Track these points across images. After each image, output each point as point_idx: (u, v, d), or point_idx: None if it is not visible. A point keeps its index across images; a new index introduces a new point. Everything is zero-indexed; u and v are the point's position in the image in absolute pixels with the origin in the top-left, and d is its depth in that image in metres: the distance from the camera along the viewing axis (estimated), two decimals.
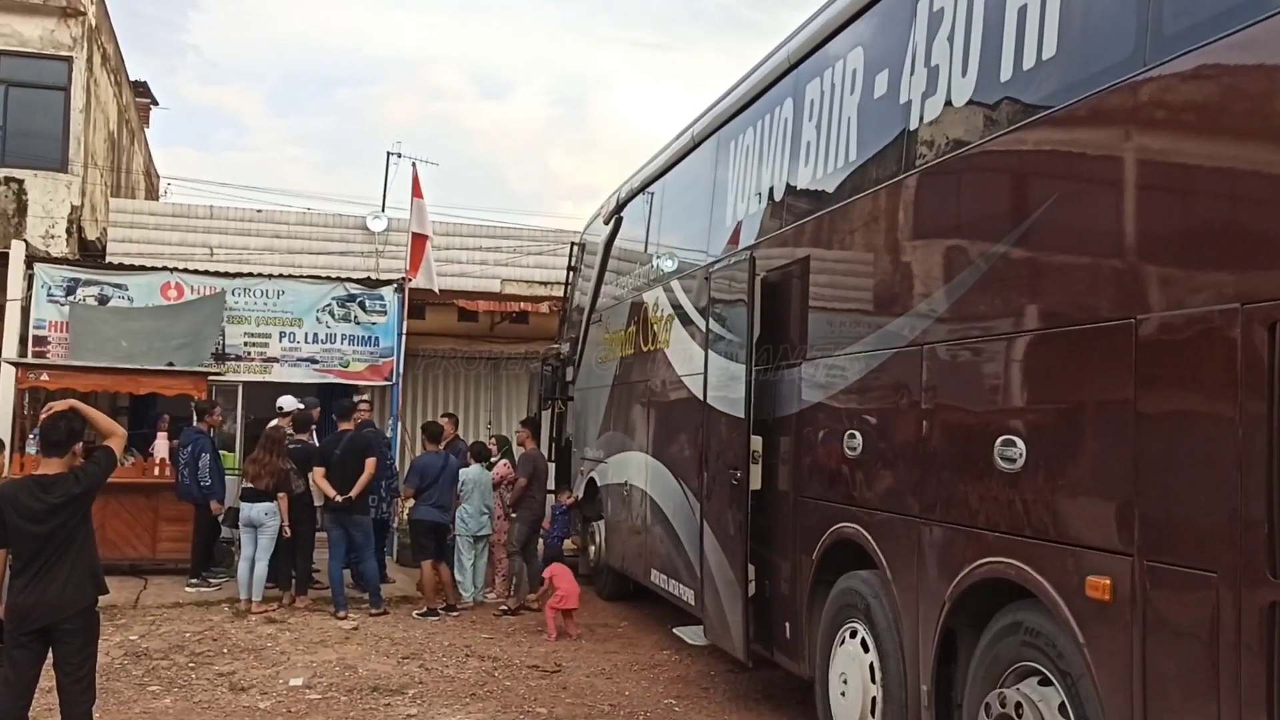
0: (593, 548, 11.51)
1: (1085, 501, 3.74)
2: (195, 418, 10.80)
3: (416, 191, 13.23)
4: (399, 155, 20.58)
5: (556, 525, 11.77)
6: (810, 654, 6.02)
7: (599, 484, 11.19)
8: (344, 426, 10.08)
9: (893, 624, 5.07)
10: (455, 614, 10.04)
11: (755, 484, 6.53)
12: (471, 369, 20.60)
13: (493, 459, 11.18)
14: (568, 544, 12.05)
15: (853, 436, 5.47)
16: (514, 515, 10.62)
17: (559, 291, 19.29)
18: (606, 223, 11.56)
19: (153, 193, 25.97)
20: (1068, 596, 3.75)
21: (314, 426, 10.51)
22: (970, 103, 4.60)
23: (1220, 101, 3.29)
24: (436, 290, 14.05)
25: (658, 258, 9.54)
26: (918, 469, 4.83)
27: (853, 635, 5.50)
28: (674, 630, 7.86)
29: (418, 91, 56.46)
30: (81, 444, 5.29)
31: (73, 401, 5.30)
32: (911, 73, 5.12)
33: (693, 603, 7.99)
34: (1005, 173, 4.37)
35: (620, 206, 11.09)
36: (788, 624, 6.30)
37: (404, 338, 13.45)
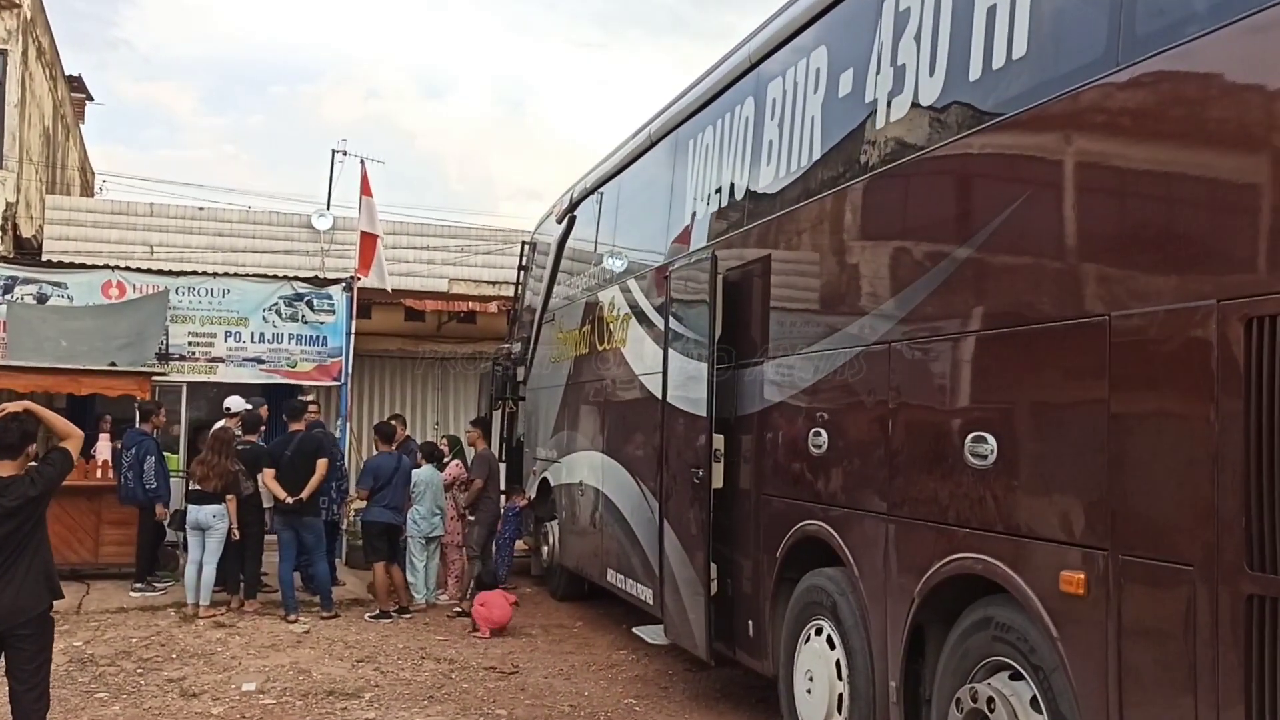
0: (546, 548, 11.45)
1: (1058, 497, 3.78)
2: (139, 419, 10.56)
3: (366, 189, 13.05)
4: (344, 153, 20.38)
5: (508, 526, 11.66)
6: (774, 652, 6.03)
7: (552, 484, 11.13)
8: (294, 427, 9.91)
9: (859, 621, 5.08)
10: (408, 616, 9.93)
11: (717, 482, 6.52)
12: (418, 369, 20.42)
13: (445, 459, 11.08)
14: (519, 544, 11.97)
15: (817, 434, 5.49)
16: (471, 518, 10.52)
17: (508, 291, 19.18)
18: (559, 222, 11.51)
19: (88, 189, 25.39)
20: (1041, 591, 3.78)
21: (263, 428, 10.31)
22: (938, 103, 4.63)
23: (1196, 102, 3.34)
24: (389, 290, 13.87)
25: (613, 257, 9.51)
26: (885, 466, 4.85)
27: (818, 633, 5.51)
28: (633, 630, 7.84)
29: (356, 90, 55.93)
30: (34, 445, 5.11)
31: (27, 404, 5.13)
32: (877, 72, 5.14)
33: (651, 602, 7.97)
34: (975, 172, 4.40)
35: (573, 205, 11.04)
36: (750, 622, 6.29)
37: (353, 338, 13.26)
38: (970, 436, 4.21)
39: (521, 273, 13.96)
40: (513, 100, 57.69)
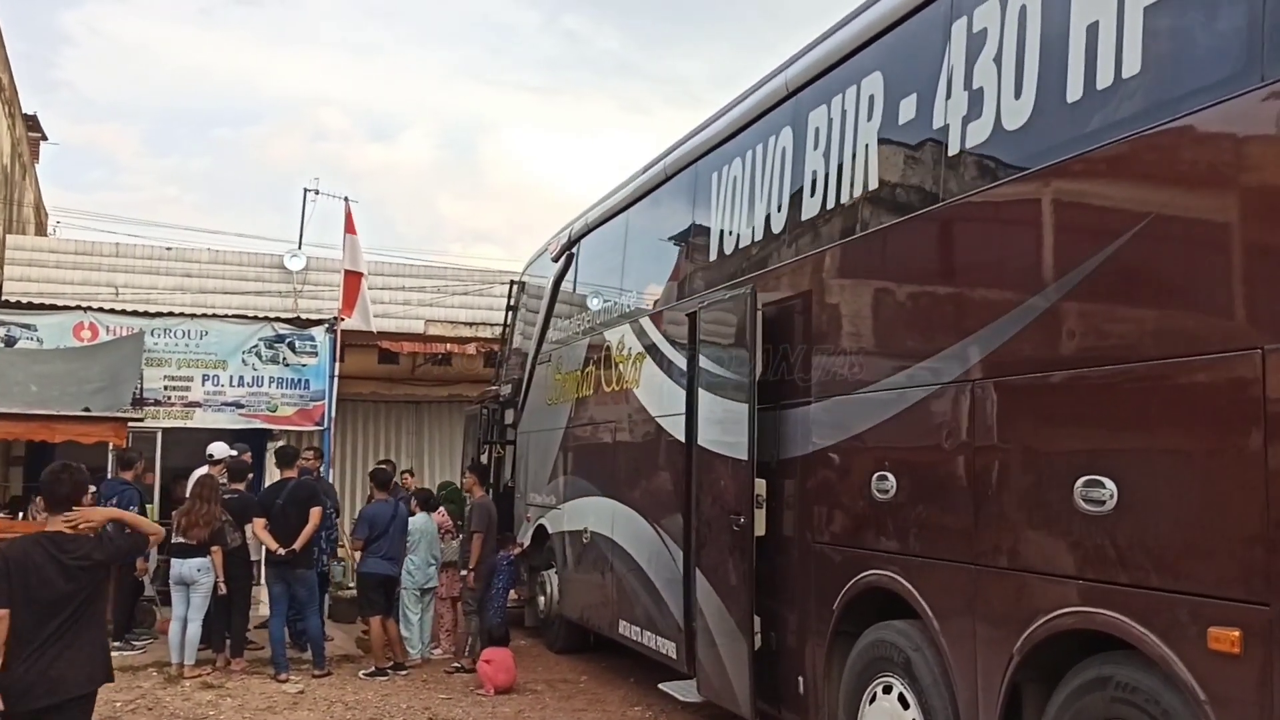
0: (542, 599, 10.99)
1: (1201, 545, 3.49)
2: (119, 467, 10.01)
3: (350, 228, 12.70)
4: (316, 192, 19.85)
5: (501, 576, 11.18)
6: (829, 710, 5.67)
7: (550, 531, 10.71)
8: (285, 474, 9.43)
9: (939, 679, 4.75)
10: (404, 673, 9.43)
11: (759, 530, 6.19)
12: (393, 413, 19.92)
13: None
14: (511, 595, 11.50)
15: (883, 479, 5.17)
16: (465, 573, 10.04)
17: (485, 333, 18.81)
18: (555, 260, 11.19)
19: (41, 230, 24.67)
20: (1182, 650, 3.48)
21: (250, 475, 9.81)
22: (1027, 127, 4.37)
23: None
24: (373, 330, 13.45)
25: (621, 294, 9.19)
26: (971, 512, 4.54)
27: (887, 690, 5.16)
28: (660, 686, 7.42)
29: (302, 132, 55.33)
30: (88, 496, 4.75)
31: (113, 511, 4.99)
32: (948, 97, 4.89)
33: (675, 656, 7.58)
34: (1085, 197, 4.13)
35: (572, 243, 10.73)
36: (800, 678, 5.94)
37: (336, 380, 12.80)
38: (1082, 481, 3.92)
39: (510, 313, 13.59)
40: (460, 143, 57.59)
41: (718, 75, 60.63)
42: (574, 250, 10.79)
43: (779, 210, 6.48)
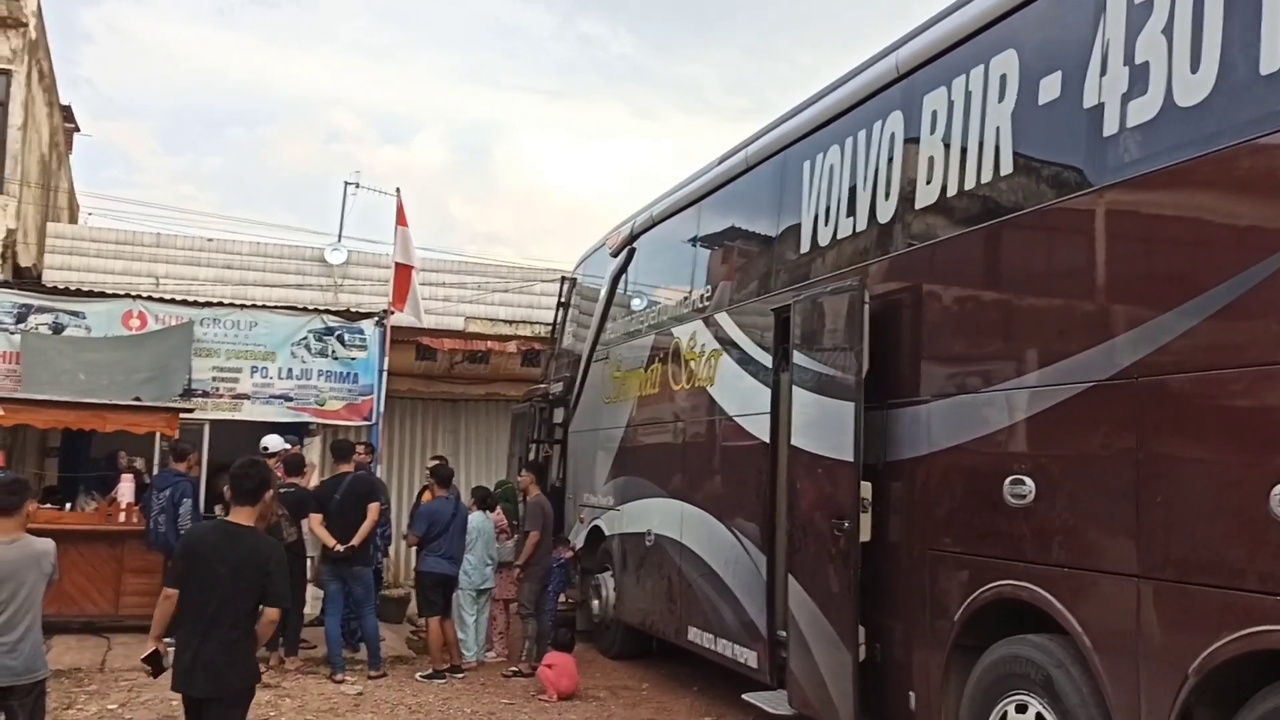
0: (597, 602, 10.66)
1: None
2: (173, 458, 9.73)
3: (401, 220, 12.40)
4: (356, 185, 19.69)
5: (552, 579, 10.88)
6: None
7: (606, 533, 10.39)
8: (342, 468, 9.14)
9: (1088, 699, 4.41)
10: (461, 676, 9.13)
11: (865, 535, 5.85)
12: (429, 411, 19.64)
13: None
14: (561, 598, 11.18)
15: (1019, 483, 4.83)
16: (522, 575, 9.73)
17: (525, 331, 18.54)
18: (615, 255, 10.87)
19: (74, 219, 24.55)
20: None
21: (306, 469, 9.53)
22: (1208, 102, 4.04)
23: None
24: (421, 323, 13.17)
25: (692, 290, 8.87)
26: (1133, 521, 4.20)
27: (1020, 710, 4.82)
28: (745, 697, 7.08)
29: (316, 133, 55.00)
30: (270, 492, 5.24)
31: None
32: (1102, 74, 4.56)
33: (754, 665, 7.25)
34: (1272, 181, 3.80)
35: (633, 237, 10.42)
36: (912, 694, 5.60)
37: (385, 375, 12.51)
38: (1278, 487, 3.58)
39: (560, 310, 13.28)
40: (472, 146, 57.30)
41: (729, 80, 60.35)
42: (635, 245, 10.48)
43: (887, 199, 6.15)
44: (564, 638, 9.07)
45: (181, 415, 10.68)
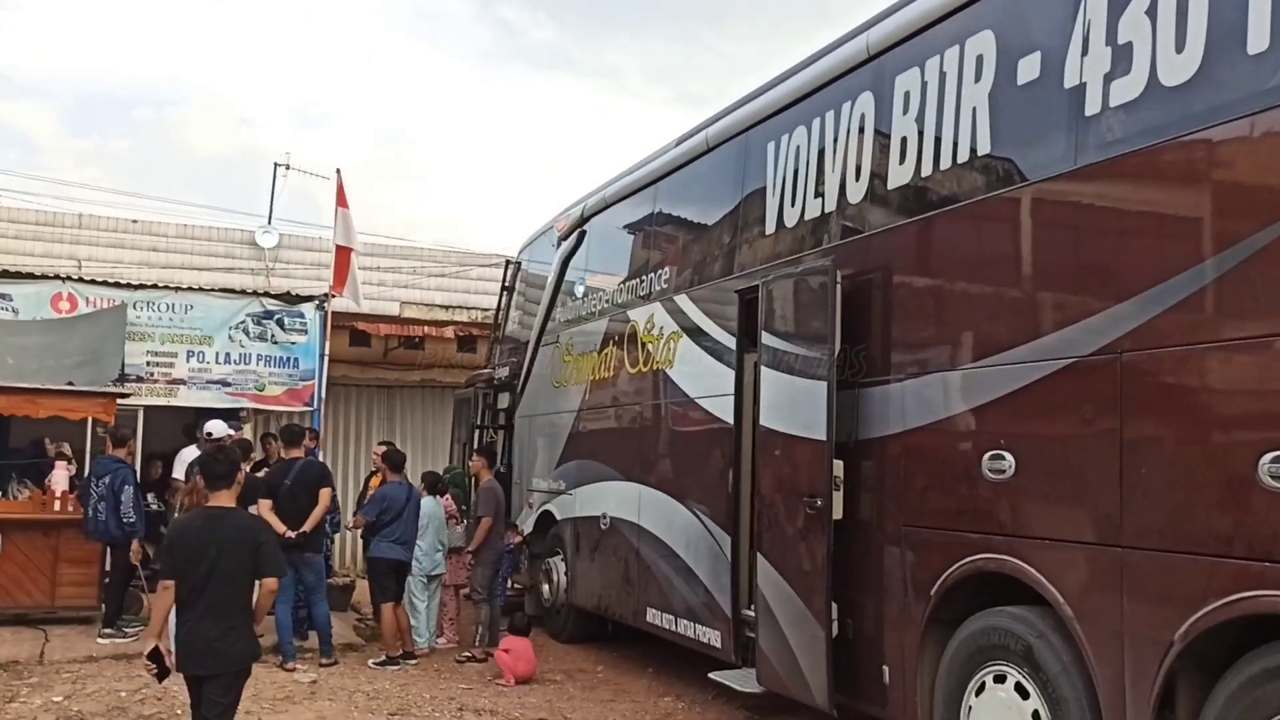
0: (547, 587, 10.60)
1: None
2: (111, 445, 9.43)
3: (342, 201, 12.14)
4: (287, 168, 19.27)
5: (501, 564, 10.82)
6: (923, 701, 5.39)
7: (558, 518, 10.34)
8: (292, 454, 8.94)
9: (1070, 667, 4.50)
10: (414, 662, 9.01)
11: (837, 513, 5.90)
12: (363, 397, 19.35)
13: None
14: (510, 583, 11.10)
15: (998, 458, 4.90)
16: (474, 560, 9.64)
17: (462, 316, 18.35)
18: (565, 238, 10.80)
19: None
20: None
21: (254, 455, 9.31)
22: (1193, 82, 4.12)
23: None
24: (360, 307, 12.95)
25: (649, 272, 8.84)
26: (1116, 492, 4.29)
27: (999, 680, 4.90)
28: (712, 676, 7.10)
29: (227, 116, 53.39)
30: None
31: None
32: (1084, 54, 4.63)
33: (718, 645, 7.28)
34: (1258, 159, 3.89)
35: (585, 220, 10.36)
36: (886, 668, 5.66)
37: (326, 359, 12.27)
38: (1270, 457, 3.68)
39: (504, 294, 13.17)
40: (390, 132, 56.33)
41: (652, 69, 60.23)
42: (586, 228, 10.42)
43: (857, 179, 6.19)
44: (521, 622, 9.01)
45: (120, 400, 10.35)
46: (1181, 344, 4.08)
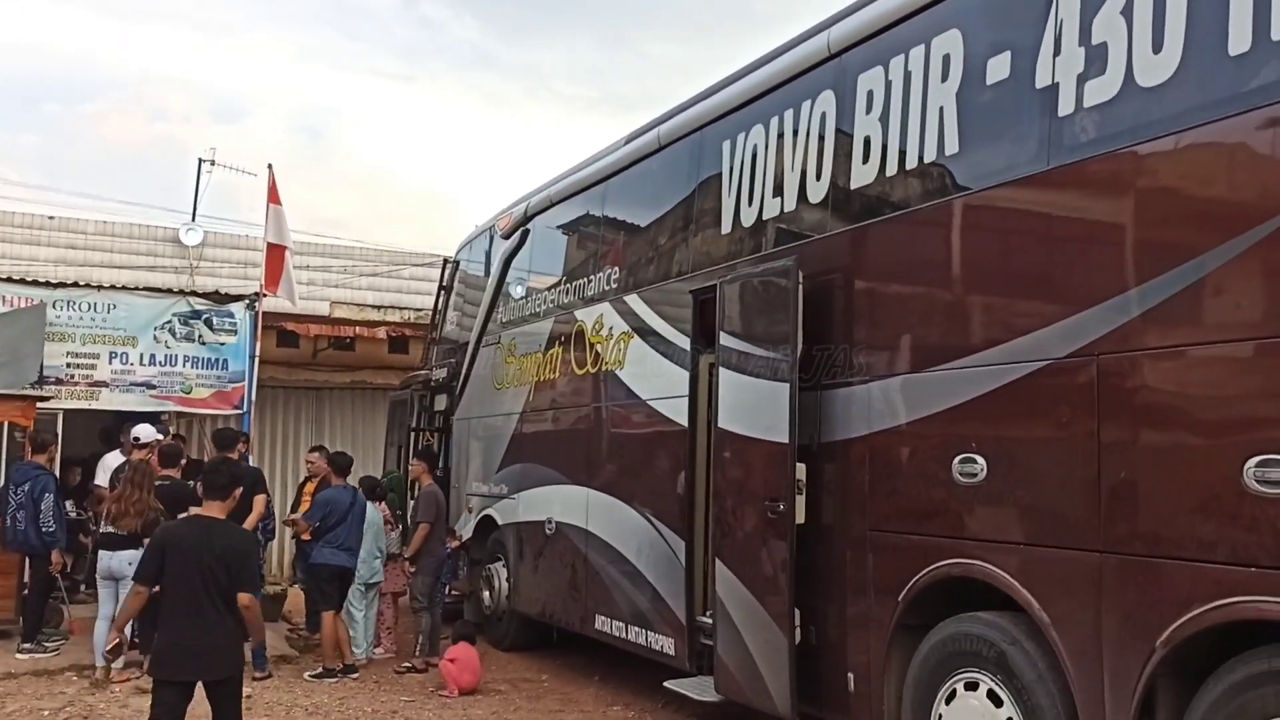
0: (488, 594, 10.37)
1: None
2: (31, 450, 8.98)
3: (274, 198, 11.77)
4: (212, 163, 18.69)
5: (444, 572, 10.56)
6: (889, 709, 5.31)
7: (499, 523, 10.12)
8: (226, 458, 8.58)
9: (1045, 674, 4.44)
10: (355, 676, 8.71)
11: (800, 517, 5.80)
12: (290, 399, 18.87)
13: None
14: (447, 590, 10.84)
15: (969, 462, 4.84)
16: (414, 567, 9.38)
17: (395, 316, 18.00)
18: (506, 237, 10.59)
19: None
20: None
21: (184, 461, 8.93)
22: (1171, 82, 4.09)
23: None
24: (296, 306, 12.58)
25: (598, 271, 8.68)
26: (1095, 497, 4.24)
27: (970, 687, 4.83)
28: (668, 684, 6.95)
29: (140, 112, 51.64)
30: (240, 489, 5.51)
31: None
32: (1056, 53, 4.58)
33: (672, 653, 7.15)
34: (1245, 161, 3.86)
35: (529, 218, 10.16)
36: (851, 675, 5.57)
37: (256, 361, 11.88)
38: (1255, 461, 3.64)
39: (442, 294, 12.90)
40: (310, 129, 55.09)
41: (576, 70, 59.91)
42: (529, 227, 10.22)
43: (819, 179, 6.10)
44: (467, 630, 8.78)
45: (41, 404, 9.88)
46: (1162, 347, 4.04)
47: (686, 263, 7.38)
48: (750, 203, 6.69)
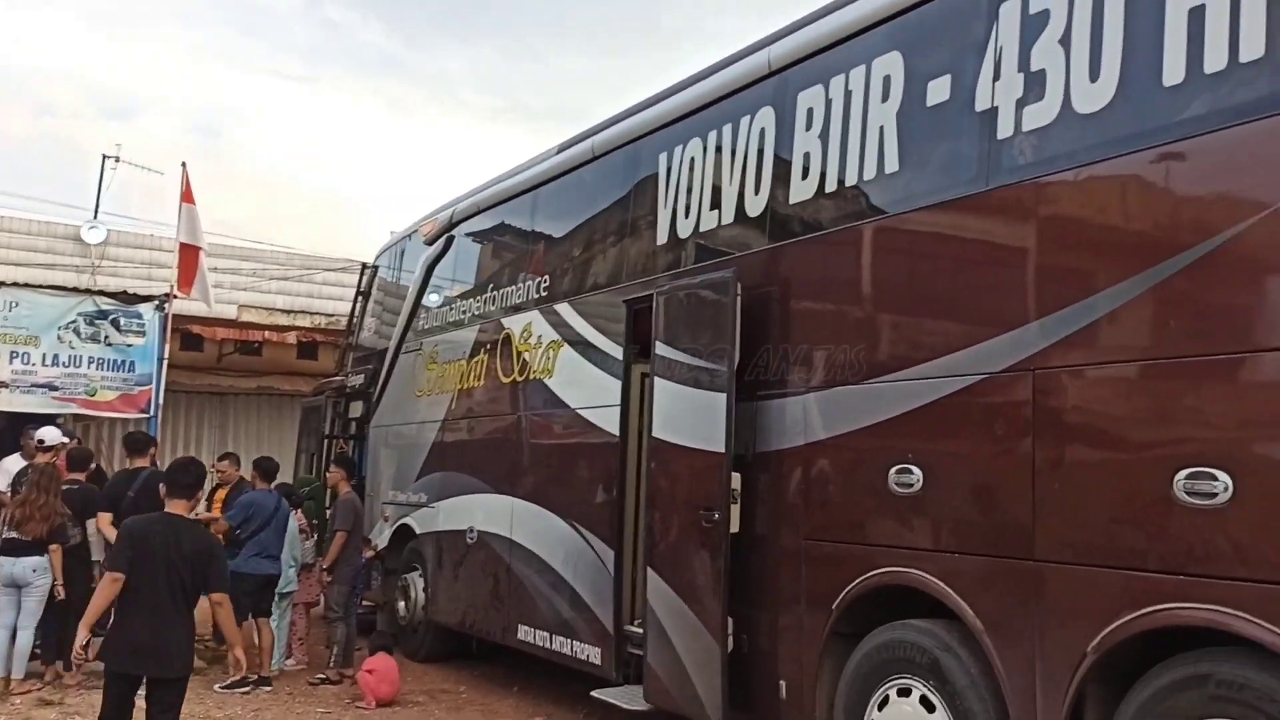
0: (403, 604, 10.22)
1: None
2: None
3: (188, 196, 11.48)
4: (117, 160, 18.18)
5: (359, 582, 10.38)
6: (821, 715, 5.39)
7: (417, 531, 10.00)
8: (137, 463, 8.35)
9: (978, 680, 4.56)
10: (268, 688, 8.51)
11: (734, 526, 5.86)
12: (194, 404, 18.40)
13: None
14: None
15: (905, 472, 4.95)
16: (329, 577, 9.21)
17: (305, 321, 17.70)
18: (430, 243, 10.50)
19: None
20: None
21: (93, 466, 8.64)
22: (1108, 110, 4.26)
23: None
24: (211, 308, 12.28)
25: (526, 279, 8.66)
26: (1029, 507, 4.37)
27: (903, 694, 4.93)
28: (595, 694, 6.93)
29: (26, 105, 49.72)
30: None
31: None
32: (996, 78, 4.74)
33: (598, 662, 7.14)
34: (1180, 184, 4.04)
35: (454, 225, 10.10)
36: (783, 683, 5.64)
37: (165, 364, 11.55)
38: (1185, 474, 3.81)
39: (359, 299, 12.73)
40: (208, 127, 53.78)
41: (482, 77, 59.68)
42: (454, 233, 10.16)
43: (757, 193, 6.19)
44: (383, 641, 8.65)
45: None
46: (1097, 363, 4.20)
47: (620, 272, 7.42)
48: (687, 215, 6.76)
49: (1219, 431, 3.80)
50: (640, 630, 6.65)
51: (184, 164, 11.68)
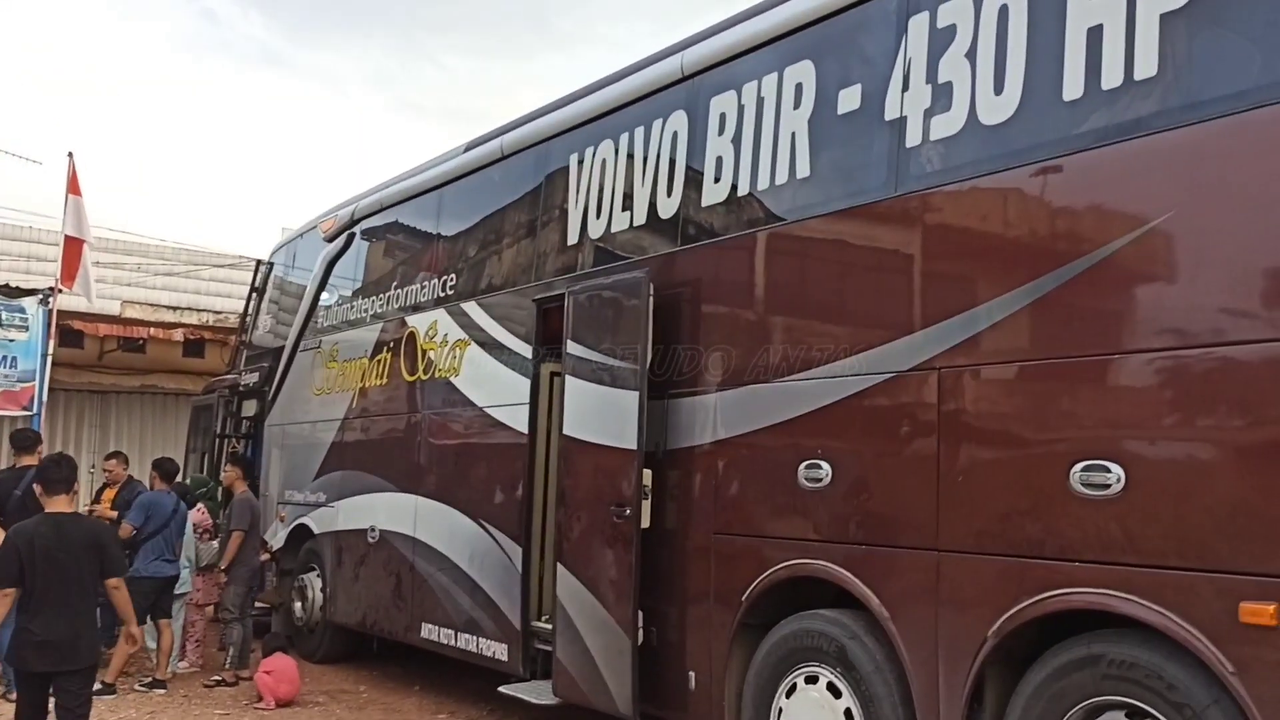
0: (300, 604, 10.06)
1: (1225, 525, 3.68)
2: None
3: (74, 188, 11.09)
4: None
5: (255, 582, 10.17)
6: (730, 705, 5.53)
7: (315, 531, 9.86)
8: (25, 461, 8.05)
9: (883, 665, 4.75)
10: (163, 690, 8.30)
11: (645, 522, 5.96)
12: (73, 403, 17.75)
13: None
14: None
15: (815, 467, 5.12)
16: (226, 577, 9.03)
17: (192, 318, 17.25)
18: (330, 240, 10.37)
19: None
20: (1203, 625, 3.64)
21: None
22: (1011, 122, 4.49)
23: None
24: (93, 304, 11.87)
25: (431, 278, 8.63)
26: (933, 499, 4.57)
27: (811, 680, 5.10)
28: (503, 689, 6.94)
29: None
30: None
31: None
32: (905, 89, 4.95)
33: (504, 659, 7.17)
34: (1078, 194, 4.28)
35: (355, 222, 9.99)
36: (692, 674, 5.76)
37: (49, 360, 11.14)
38: (1081, 466, 4.04)
39: (254, 296, 12.47)
40: (72, 116, 51.97)
41: (369, 74, 58.89)
42: (355, 230, 10.05)
43: (669, 195, 6.30)
44: (278, 642, 8.51)
45: None
46: (999, 362, 4.42)
47: (529, 272, 7.46)
48: (599, 216, 6.84)
49: (1112, 427, 4.04)
50: (548, 626, 6.71)
51: (70, 154, 11.28)
